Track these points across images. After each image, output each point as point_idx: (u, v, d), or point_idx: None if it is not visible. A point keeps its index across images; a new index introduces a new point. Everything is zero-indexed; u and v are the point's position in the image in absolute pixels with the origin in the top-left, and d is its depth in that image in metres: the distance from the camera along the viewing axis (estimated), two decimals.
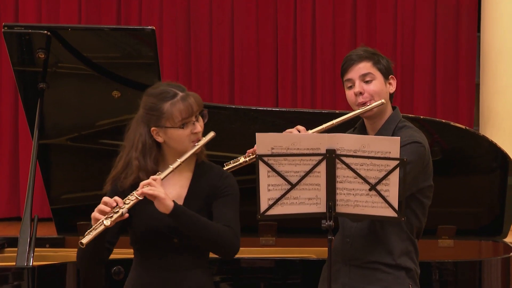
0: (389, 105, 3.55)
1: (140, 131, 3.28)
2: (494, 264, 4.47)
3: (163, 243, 3.24)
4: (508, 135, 7.88)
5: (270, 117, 4.81)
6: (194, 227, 3.15)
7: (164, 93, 3.27)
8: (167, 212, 3.10)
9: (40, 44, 4.31)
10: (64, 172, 4.91)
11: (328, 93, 9.00)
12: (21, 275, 4.01)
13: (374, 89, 3.47)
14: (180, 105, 3.23)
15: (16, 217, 8.99)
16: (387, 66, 3.53)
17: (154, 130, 3.25)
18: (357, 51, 3.55)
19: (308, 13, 9.03)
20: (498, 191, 4.89)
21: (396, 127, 3.49)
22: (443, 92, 8.86)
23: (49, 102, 4.50)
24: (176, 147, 3.25)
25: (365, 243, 3.44)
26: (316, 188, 3.11)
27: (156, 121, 3.24)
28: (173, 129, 3.23)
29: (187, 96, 3.26)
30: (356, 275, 3.45)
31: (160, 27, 9.02)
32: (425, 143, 3.44)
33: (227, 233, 3.20)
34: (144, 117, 3.28)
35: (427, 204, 3.52)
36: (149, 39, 4.38)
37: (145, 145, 3.26)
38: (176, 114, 3.22)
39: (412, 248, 3.47)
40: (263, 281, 4.38)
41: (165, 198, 3.10)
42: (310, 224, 3.68)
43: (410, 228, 3.45)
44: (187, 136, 3.24)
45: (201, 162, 3.36)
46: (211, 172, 3.34)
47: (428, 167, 3.47)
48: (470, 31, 8.86)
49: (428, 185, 3.49)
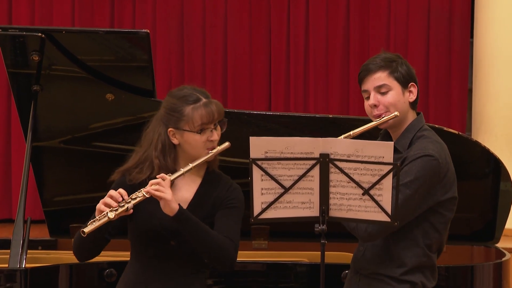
0: (410, 113, 3.44)
1: (160, 130, 3.30)
2: (486, 269, 4.48)
3: (160, 244, 3.25)
4: (501, 141, 7.89)
5: (263, 121, 4.81)
6: (196, 233, 3.16)
7: (187, 96, 3.29)
8: (171, 214, 3.12)
9: (34, 46, 4.31)
10: (57, 174, 4.91)
11: (321, 97, 9.00)
12: (13, 277, 4.00)
13: (390, 100, 3.37)
14: (202, 111, 3.25)
15: (8, 219, 8.96)
16: (406, 73, 3.42)
17: (171, 131, 3.27)
18: (374, 59, 3.44)
19: (301, 18, 9.03)
20: (490, 197, 4.90)
21: (415, 137, 3.40)
22: (435, 97, 8.87)
23: (43, 105, 4.50)
24: (190, 151, 3.26)
25: (375, 255, 3.39)
26: (309, 192, 3.11)
27: (175, 122, 3.26)
28: (190, 133, 3.24)
29: (210, 103, 3.28)
30: (364, 284, 3.43)
31: (153, 30, 9.01)
32: (440, 155, 3.32)
33: (227, 245, 3.21)
34: (164, 117, 3.30)
35: (449, 217, 3.42)
36: (143, 42, 4.38)
37: (164, 145, 3.28)
38: (196, 119, 3.24)
39: (427, 263, 3.37)
40: (256, 285, 4.38)
41: (171, 201, 3.11)
42: (303, 228, 3.68)
43: (428, 243, 3.36)
44: (203, 142, 3.25)
45: (212, 171, 3.37)
46: (220, 182, 3.36)
47: (447, 179, 3.36)
48: (463, 37, 8.87)
49: (450, 197, 3.38)
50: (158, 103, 4.41)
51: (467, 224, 5.00)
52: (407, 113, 3.43)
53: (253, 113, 4.86)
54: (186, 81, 9.08)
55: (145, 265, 3.29)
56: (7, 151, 9.12)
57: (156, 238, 3.25)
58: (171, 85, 9.01)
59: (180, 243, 3.24)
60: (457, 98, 8.85)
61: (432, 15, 8.87)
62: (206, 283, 3.37)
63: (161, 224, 3.23)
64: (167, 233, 3.24)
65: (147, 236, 3.27)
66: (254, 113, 4.87)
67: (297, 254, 4.75)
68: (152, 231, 3.25)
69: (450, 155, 3.42)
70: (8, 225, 8.43)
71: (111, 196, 3.12)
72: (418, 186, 3.20)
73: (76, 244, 3.27)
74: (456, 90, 8.85)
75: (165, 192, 3.11)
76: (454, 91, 8.86)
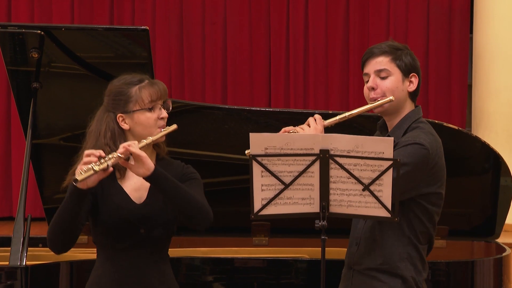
0: (409, 103, 3.45)
1: (107, 119, 3.28)
2: (487, 264, 4.48)
3: (131, 234, 3.24)
4: (500, 137, 7.90)
5: (263, 117, 4.81)
6: (175, 188, 3.15)
7: (130, 79, 3.30)
8: (148, 172, 3.09)
9: (34, 43, 4.30)
10: (57, 172, 4.87)
11: (320, 94, 9.01)
12: (14, 275, 4.00)
13: (388, 86, 3.38)
14: (149, 88, 3.27)
15: (8, 217, 8.97)
16: (410, 63, 3.41)
17: (120, 117, 3.26)
18: (380, 44, 3.46)
19: (301, 14, 9.04)
20: (490, 192, 4.90)
21: (410, 127, 3.40)
22: (435, 94, 8.87)
23: (42, 102, 4.50)
24: (142, 132, 3.25)
25: (367, 248, 3.40)
26: (309, 188, 3.11)
27: (124, 106, 3.25)
28: (141, 112, 3.24)
29: (155, 82, 3.31)
30: (357, 281, 3.42)
31: (153, 27, 9.02)
32: (431, 146, 3.31)
33: (203, 202, 3.22)
34: (110, 104, 3.29)
35: (435, 211, 3.40)
36: (142, 39, 4.38)
37: (114, 132, 3.26)
38: (146, 95, 3.25)
39: (415, 254, 3.37)
40: (256, 281, 4.38)
41: (146, 157, 3.09)
42: (303, 224, 3.68)
43: (413, 233, 3.36)
44: (154, 120, 3.26)
45: (162, 158, 3.37)
46: (172, 165, 3.35)
47: (434, 172, 3.35)
48: (463, 33, 8.87)
49: (433, 192, 3.37)
50: None
51: (468, 219, 5.01)
52: (405, 102, 3.44)
53: (253, 109, 4.86)
54: (186, 78, 9.09)
55: (116, 260, 3.26)
56: (7, 148, 9.13)
57: (126, 228, 3.23)
58: (171, 82, 9.02)
59: (149, 230, 3.24)
60: (457, 94, 8.86)
61: (432, 11, 8.87)
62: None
63: (129, 213, 3.22)
64: (136, 221, 3.23)
65: (117, 227, 3.24)
66: (254, 110, 4.87)
67: (297, 250, 4.75)
68: (121, 221, 3.23)
69: (444, 152, 3.42)
70: (9, 222, 8.44)
71: (89, 153, 3.06)
72: (404, 172, 3.17)
73: (52, 230, 3.19)
74: (456, 86, 8.86)
75: (139, 151, 3.07)
76: (454, 87, 8.86)
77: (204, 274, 4.38)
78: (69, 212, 3.13)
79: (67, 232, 3.18)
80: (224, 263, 4.38)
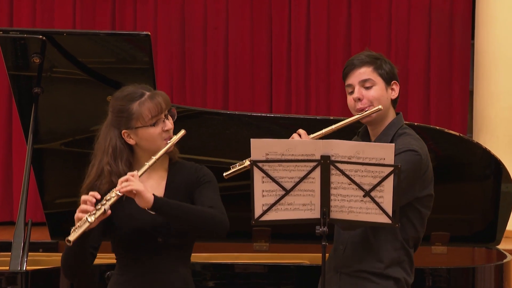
0: (392, 110, 3.52)
1: (111, 135, 3.28)
2: (488, 271, 4.48)
3: (147, 243, 3.24)
4: (502, 142, 7.89)
5: (264, 122, 4.82)
6: (179, 213, 3.15)
7: (131, 94, 3.28)
8: (149, 205, 3.10)
9: (35, 48, 4.31)
10: (58, 176, 4.91)
11: (322, 99, 9.00)
12: (14, 280, 4.00)
13: (374, 95, 3.44)
14: (148, 104, 3.24)
15: (9, 222, 8.96)
16: (390, 71, 3.49)
17: (125, 133, 3.26)
18: (359, 55, 3.53)
19: (302, 19, 9.03)
20: (491, 198, 4.90)
21: (396, 134, 3.46)
22: (437, 99, 8.86)
23: (44, 107, 4.50)
24: (148, 147, 3.25)
25: (356, 251, 3.42)
26: (310, 194, 3.11)
27: (126, 123, 3.25)
28: (144, 128, 3.24)
29: (155, 95, 3.28)
30: (346, 283, 3.43)
31: (155, 32, 9.01)
32: (422, 152, 3.39)
33: (213, 212, 3.21)
34: (114, 121, 3.29)
35: (426, 214, 3.47)
36: (144, 44, 4.38)
37: (115, 148, 3.26)
38: (146, 113, 3.23)
39: (405, 258, 3.43)
40: (256, 287, 4.38)
41: (144, 191, 3.09)
42: (304, 230, 3.68)
43: (405, 237, 3.41)
44: (158, 134, 3.25)
45: (175, 162, 3.37)
46: (185, 168, 3.36)
47: (426, 176, 3.43)
48: (464, 38, 8.87)
49: (426, 195, 3.45)
50: None
51: (469, 225, 5.00)
52: (389, 110, 3.50)
53: (254, 115, 4.87)
54: (187, 83, 9.09)
55: (135, 269, 3.27)
56: (8, 153, 9.12)
57: (142, 238, 3.24)
58: (173, 87, 9.02)
59: (166, 238, 3.24)
60: (458, 100, 8.85)
61: (433, 17, 8.86)
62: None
63: (144, 223, 3.23)
64: (152, 231, 3.23)
65: (133, 239, 3.25)
66: (255, 115, 4.87)
67: (298, 256, 4.74)
68: (137, 233, 3.24)
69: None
70: (9, 227, 8.43)
71: (85, 201, 3.09)
72: (401, 179, 3.19)
73: (63, 263, 3.25)
74: (457, 92, 8.85)
75: (136, 185, 3.09)
76: (455, 93, 8.85)
77: (204, 280, 4.38)
78: (74, 251, 3.15)
79: (80, 267, 3.24)
80: (225, 268, 4.37)
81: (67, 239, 3.04)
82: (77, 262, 3.22)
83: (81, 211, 3.08)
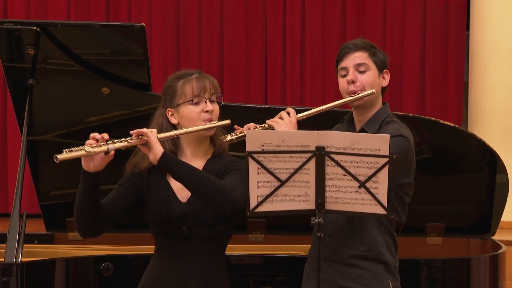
0: (380, 99, 3.56)
1: (157, 114, 3.34)
2: (483, 261, 4.48)
3: (173, 232, 3.26)
4: (497, 134, 7.90)
5: (259, 114, 4.80)
6: (187, 173, 3.14)
7: (180, 74, 3.36)
8: (157, 157, 3.10)
9: (30, 40, 4.29)
10: (53, 168, 4.86)
11: (317, 91, 9.00)
12: (9, 271, 3.99)
13: (367, 79, 3.48)
14: (192, 82, 3.30)
15: (4, 214, 8.97)
16: (383, 60, 3.54)
17: (170, 111, 3.30)
18: (355, 41, 3.57)
19: (297, 11, 9.03)
20: (486, 189, 4.90)
21: (384, 121, 3.50)
22: (432, 91, 8.87)
23: (38, 99, 4.49)
24: (188, 126, 3.25)
25: (344, 237, 3.44)
26: (305, 185, 3.11)
27: (171, 101, 3.30)
28: (185, 105, 3.27)
29: (203, 77, 3.33)
30: (336, 271, 3.45)
31: (149, 24, 9.00)
32: (411, 139, 3.44)
33: (224, 185, 3.17)
34: (162, 100, 3.35)
35: (406, 201, 3.52)
36: (139, 36, 4.37)
37: (162, 127, 3.29)
38: (188, 90, 3.28)
39: (391, 241, 3.48)
40: (252, 278, 4.38)
41: (155, 142, 3.10)
42: (299, 221, 3.68)
43: (389, 222, 3.45)
44: (198, 113, 3.27)
45: (218, 154, 3.37)
46: (223, 160, 3.35)
47: (411, 164, 3.48)
48: (459, 30, 8.87)
49: (408, 182, 3.49)
50: (153, 96, 4.42)
51: (464, 216, 5.01)
52: (378, 97, 3.55)
53: (249, 106, 4.86)
54: None
55: (166, 255, 3.29)
56: (3, 145, 9.12)
57: (168, 226, 3.26)
58: (167, 78, 9.00)
59: (191, 228, 3.24)
60: (453, 91, 8.85)
61: (428, 8, 8.86)
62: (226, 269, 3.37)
63: (169, 210, 3.24)
64: (176, 219, 3.24)
65: (159, 225, 3.28)
66: (250, 107, 4.86)
67: (293, 247, 4.74)
68: (162, 220, 3.26)
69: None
70: (4, 219, 8.42)
71: (93, 136, 3.09)
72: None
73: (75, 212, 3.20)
74: (452, 83, 8.85)
75: (150, 135, 3.10)
76: (450, 84, 8.86)
77: None
78: (83, 195, 3.15)
79: (89, 216, 3.18)
80: None
81: (55, 156, 3.03)
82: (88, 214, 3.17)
83: (87, 143, 3.08)
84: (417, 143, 4.60)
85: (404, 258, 4.11)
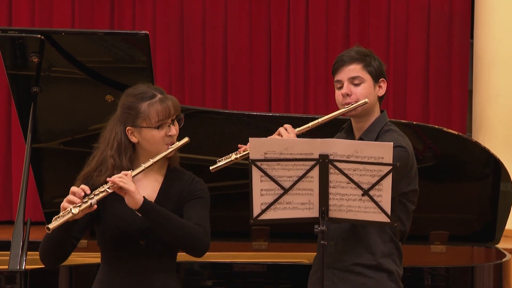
0: (377, 107, 3.56)
1: (116, 130, 3.30)
2: (486, 270, 4.48)
3: (130, 245, 3.25)
4: (500, 142, 7.88)
5: (263, 122, 4.81)
6: (165, 222, 3.15)
7: (142, 93, 3.29)
8: (137, 206, 3.11)
9: (34, 48, 4.30)
10: (57, 176, 4.90)
11: (321, 99, 9.00)
12: (13, 279, 4.00)
13: (362, 92, 3.48)
14: (157, 106, 3.25)
15: (8, 221, 8.95)
16: (378, 68, 3.53)
17: (129, 130, 3.27)
18: (349, 51, 3.57)
19: (301, 19, 9.03)
20: (490, 197, 4.90)
21: (382, 130, 3.50)
22: (435, 98, 8.86)
23: (43, 106, 4.50)
24: (149, 148, 3.26)
25: (347, 245, 3.44)
26: (309, 193, 3.11)
27: (133, 120, 3.26)
28: (148, 129, 3.25)
29: (166, 99, 3.29)
30: (339, 279, 3.45)
31: (153, 32, 9.01)
32: (409, 148, 3.44)
33: (197, 231, 3.20)
34: (121, 116, 3.31)
35: (411, 208, 3.51)
36: (142, 44, 4.38)
37: (120, 144, 3.27)
38: (153, 115, 3.24)
39: (395, 250, 3.48)
40: (255, 286, 4.38)
41: (135, 192, 3.10)
42: (303, 229, 3.68)
43: (393, 230, 3.44)
44: (161, 138, 3.26)
45: (174, 168, 3.37)
46: (183, 177, 3.35)
47: (411, 172, 3.48)
48: (463, 38, 8.86)
49: (412, 190, 3.49)
50: None
51: (468, 224, 5.00)
52: (375, 106, 3.54)
53: (253, 114, 4.86)
54: (186, 82, 9.09)
55: (117, 267, 3.28)
56: (7, 152, 9.12)
57: (125, 239, 3.24)
58: (171, 86, 9.02)
59: (149, 242, 3.24)
60: (457, 99, 8.84)
61: (432, 16, 8.86)
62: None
63: (130, 225, 3.23)
64: (135, 233, 3.24)
65: (116, 237, 3.26)
66: (254, 114, 4.87)
67: (297, 255, 4.74)
68: (120, 232, 3.24)
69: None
70: (8, 226, 8.40)
71: (74, 192, 3.11)
72: None
73: (43, 247, 3.27)
74: (456, 91, 8.84)
75: (128, 184, 3.10)
76: (454, 92, 8.84)
77: (203, 279, 4.38)
78: (56, 238, 3.18)
79: (61, 253, 3.26)
80: (223, 267, 4.37)
81: (47, 226, 3.05)
82: (57, 249, 3.24)
83: (67, 201, 3.11)
84: (421, 150, 4.60)
85: (408, 266, 4.10)
